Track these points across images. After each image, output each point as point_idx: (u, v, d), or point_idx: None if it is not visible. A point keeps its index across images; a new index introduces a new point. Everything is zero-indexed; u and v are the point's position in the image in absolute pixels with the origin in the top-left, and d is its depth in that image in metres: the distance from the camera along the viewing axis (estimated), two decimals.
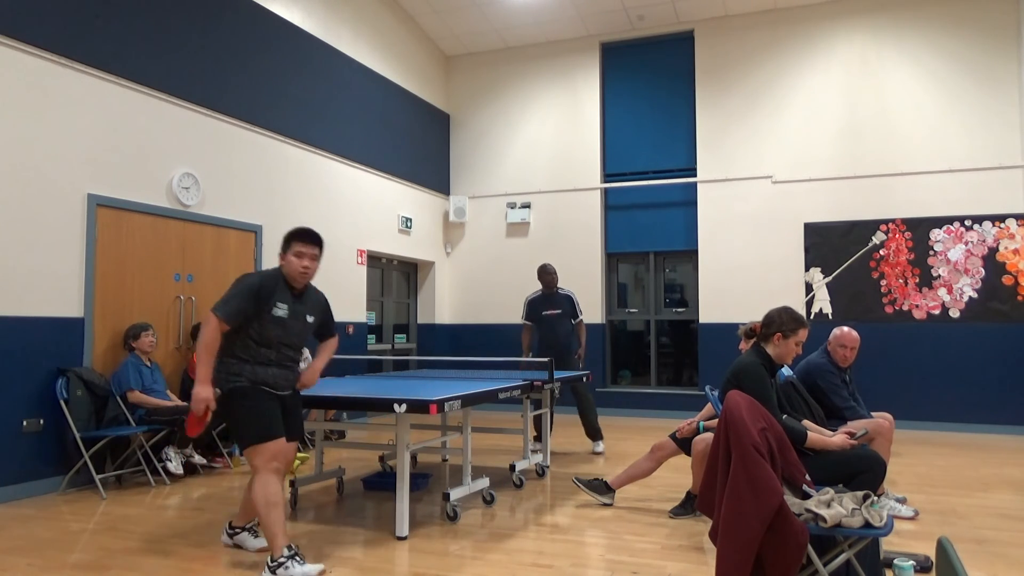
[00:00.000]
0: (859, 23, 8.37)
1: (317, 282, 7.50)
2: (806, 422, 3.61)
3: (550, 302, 6.50)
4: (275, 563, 3.12)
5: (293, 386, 3.51)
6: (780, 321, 3.29)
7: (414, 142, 9.33)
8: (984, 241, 7.79)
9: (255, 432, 3.25)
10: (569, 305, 6.47)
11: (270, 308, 3.32)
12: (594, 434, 6.41)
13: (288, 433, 3.44)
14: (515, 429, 5.96)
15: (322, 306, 3.62)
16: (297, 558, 3.15)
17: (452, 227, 10.14)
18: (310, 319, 3.50)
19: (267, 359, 3.34)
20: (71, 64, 5.09)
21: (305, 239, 3.39)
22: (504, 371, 6.13)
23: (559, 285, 6.57)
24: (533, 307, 6.57)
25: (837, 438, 3.27)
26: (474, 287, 9.94)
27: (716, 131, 8.88)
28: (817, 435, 3.26)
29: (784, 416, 3.28)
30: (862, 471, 3.20)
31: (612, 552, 3.58)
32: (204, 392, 3.21)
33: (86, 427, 4.92)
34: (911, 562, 2.69)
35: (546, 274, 6.45)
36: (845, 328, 4.55)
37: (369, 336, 8.80)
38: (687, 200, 9.09)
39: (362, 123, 8.29)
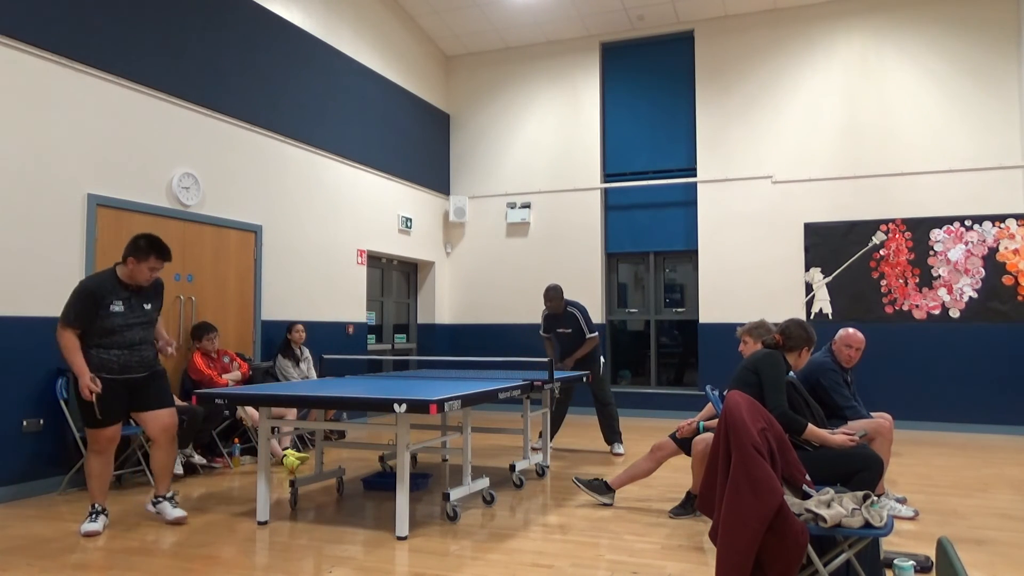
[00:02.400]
0: (859, 23, 8.38)
1: (317, 282, 7.51)
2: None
3: (559, 321, 6.48)
4: (91, 510, 3.97)
5: (149, 366, 4.07)
6: (802, 336, 3.56)
7: (414, 142, 9.33)
8: (984, 241, 7.79)
9: (89, 420, 3.92)
10: (577, 324, 6.45)
11: (107, 307, 3.90)
12: (610, 437, 6.39)
13: (149, 406, 4.06)
14: (515, 429, 5.96)
15: (158, 291, 4.16)
16: (92, 516, 3.93)
17: (452, 227, 10.14)
18: (147, 306, 4.07)
19: (110, 344, 3.93)
20: (71, 64, 5.09)
21: (162, 257, 3.96)
22: (504, 371, 6.13)
23: (569, 299, 6.54)
24: (548, 322, 6.57)
25: (838, 436, 3.28)
26: (474, 287, 9.94)
27: (716, 131, 8.89)
28: (816, 429, 3.29)
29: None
30: (860, 469, 3.20)
31: (612, 552, 3.58)
32: (83, 380, 3.85)
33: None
34: (911, 562, 2.69)
35: (548, 300, 6.37)
36: (851, 329, 4.56)
37: (369, 336, 8.80)
38: (687, 200, 9.09)
39: (362, 123, 8.29)
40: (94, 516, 3.95)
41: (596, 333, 6.43)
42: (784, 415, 3.25)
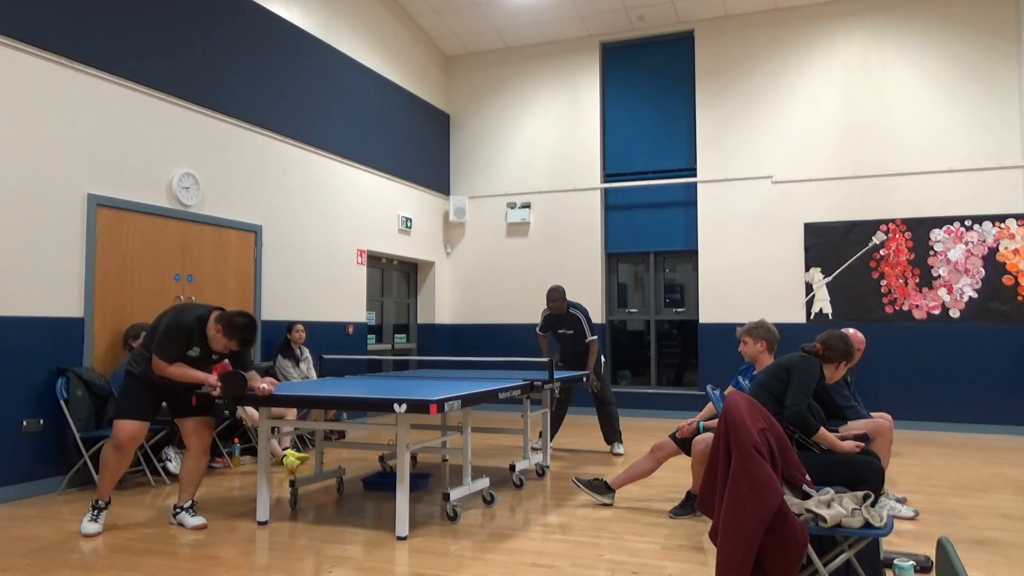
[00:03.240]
0: (859, 23, 8.37)
1: (317, 282, 7.51)
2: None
3: (561, 322, 6.47)
4: (94, 505, 3.99)
5: (191, 385, 4.08)
6: (841, 350, 3.52)
7: (414, 142, 9.33)
8: (984, 241, 7.79)
9: (120, 409, 3.98)
10: (578, 325, 6.45)
11: (187, 350, 3.97)
12: (610, 436, 6.38)
13: (184, 412, 4.09)
14: (515, 429, 5.95)
15: (234, 353, 4.15)
16: (93, 513, 3.94)
17: (452, 227, 10.14)
18: (215, 357, 4.10)
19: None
20: (71, 64, 5.09)
21: (246, 345, 3.98)
22: (504, 371, 6.13)
23: (571, 300, 6.54)
24: (549, 322, 6.55)
25: (847, 443, 3.29)
26: (474, 287, 9.94)
27: (716, 131, 8.88)
28: (827, 433, 3.29)
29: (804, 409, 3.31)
30: (862, 480, 3.19)
31: (612, 552, 3.58)
32: (207, 379, 3.93)
33: (86, 427, 4.92)
34: (911, 562, 2.69)
35: (551, 300, 6.36)
36: (852, 329, 4.56)
37: (369, 336, 8.80)
38: (687, 200, 9.09)
39: (362, 123, 8.29)
40: (95, 514, 3.94)
41: (596, 336, 6.45)
42: (799, 414, 3.26)
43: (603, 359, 6.60)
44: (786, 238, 8.52)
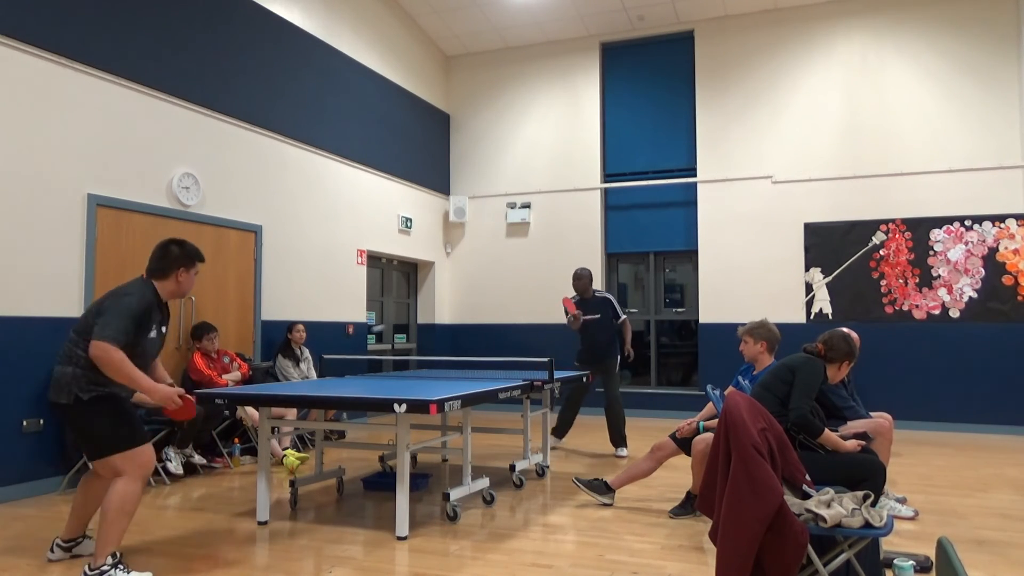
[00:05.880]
0: (859, 23, 8.37)
1: (317, 282, 7.51)
2: None
3: (587, 307, 6.43)
4: (95, 571, 3.06)
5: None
6: (843, 350, 3.54)
7: (414, 142, 9.33)
8: (984, 241, 7.79)
9: (127, 438, 3.19)
10: (607, 309, 6.38)
11: (147, 331, 3.27)
12: (617, 440, 6.34)
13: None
14: (515, 429, 5.96)
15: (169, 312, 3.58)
16: (121, 566, 3.11)
17: (452, 227, 10.14)
18: (164, 330, 3.46)
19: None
20: (71, 64, 5.08)
21: (202, 259, 3.47)
22: (504, 371, 6.13)
23: (595, 288, 6.46)
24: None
25: (850, 443, 3.30)
26: (474, 287, 9.94)
27: (716, 131, 8.88)
28: (832, 435, 3.30)
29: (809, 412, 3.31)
30: (864, 478, 3.20)
31: (612, 552, 3.58)
32: (163, 391, 3.18)
33: None
34: (911, 562, 2.69)
35: (577, 280, 6.32)
36: (845, 329, 4.56)
37: (369, 336, 8.80)
38: (687, 200, 9.09)
39: (362, 123, 8.29)
40: (123, 566, 3.13)
41: (626, 316, 6.47)
42: (804, 417, 3.26)
43: (618, 357, 6.52)
44: (786, 238, 8.52)
